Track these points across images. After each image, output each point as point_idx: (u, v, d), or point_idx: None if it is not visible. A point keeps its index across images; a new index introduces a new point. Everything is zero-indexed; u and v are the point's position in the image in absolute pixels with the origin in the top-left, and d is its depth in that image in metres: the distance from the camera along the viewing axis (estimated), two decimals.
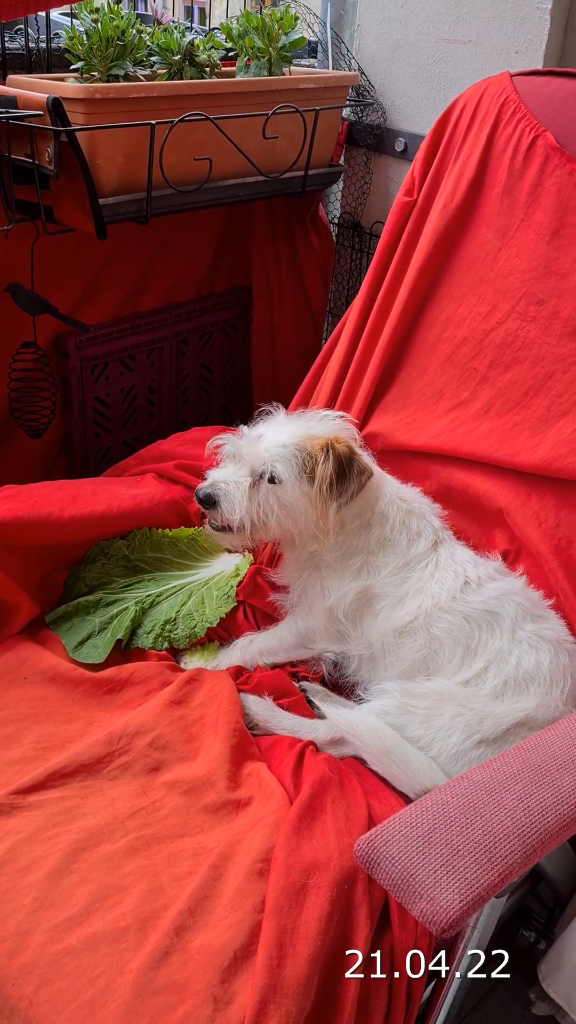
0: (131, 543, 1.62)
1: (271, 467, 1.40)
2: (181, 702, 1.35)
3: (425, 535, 1.47)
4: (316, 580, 1.49)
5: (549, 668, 1.33)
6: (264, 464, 1.40)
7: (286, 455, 1.39)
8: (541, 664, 1.34)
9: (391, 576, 1.44)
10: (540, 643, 1.36)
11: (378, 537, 1.45)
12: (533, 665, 1.34)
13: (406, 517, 1.47)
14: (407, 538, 1.46)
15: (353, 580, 1.45)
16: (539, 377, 1.50)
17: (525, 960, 1.58)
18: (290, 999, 0.96)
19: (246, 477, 1.42)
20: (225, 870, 1.10)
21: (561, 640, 1.39)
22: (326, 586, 1.47)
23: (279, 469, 1.39)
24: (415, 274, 1.65)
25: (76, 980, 0.98)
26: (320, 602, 1.47)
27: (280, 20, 1.85)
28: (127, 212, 1.68)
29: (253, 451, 1.42)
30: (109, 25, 1.61)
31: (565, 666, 1.36)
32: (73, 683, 1.38)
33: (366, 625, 1.45)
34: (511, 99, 1.56)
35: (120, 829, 1.15)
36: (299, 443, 1.40)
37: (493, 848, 0.90)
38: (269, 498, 1.41)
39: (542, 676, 1.33)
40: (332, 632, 1.48)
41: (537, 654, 1.35)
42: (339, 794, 1.22)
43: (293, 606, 1.55)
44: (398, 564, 1.44)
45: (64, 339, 1.95)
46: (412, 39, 2.00)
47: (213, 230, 2.21)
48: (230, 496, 1.42)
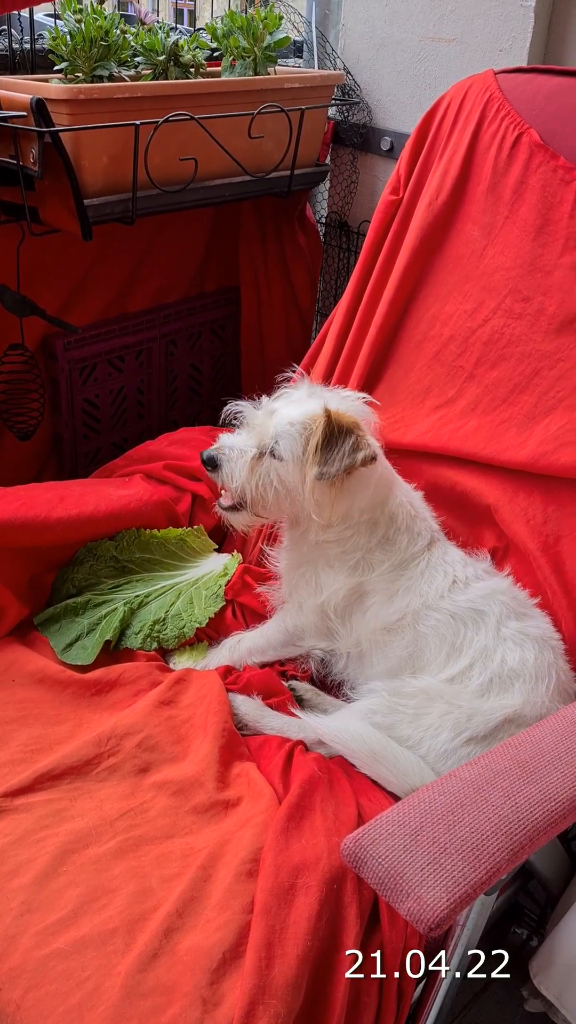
0: (119, 544, 1.62)
1: (275, 443, 1.39)
2: (170, 703, 1.34)
3: (423, 536, 1.47)
4: (311, 575, 1.48)
5: (534, 665, 1.33)
6: (270, 439, 1.39)
7: (292, 433, 1.37)
8: (526, 661, 1.34)
9: (385, 574, 1.44)
10: (525, 640, 1.36)
11: (381, 537, 1.44)
12: (518, 662, 1.34)
13: (411, 521, 1.46)
14: (408, 539, 1.45)
15: (348, 576, 1.44)
16: (526, 374, 1.50)
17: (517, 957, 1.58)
18: (279, 1000, 0.95)
19: (253, 448, 1.41)
20: (214, 871, 1.10)
21: (546, 637, 1.39)
22: (321, 582, 1.46)
23: (282, 446, 1.38)
24: (401, 272, 1.65)
25: (64, 984, 0.97)
26: (312, 599, 1.47)
27: (265, 20, 1.84)
28: (113, 213, 1.68)
29: (263, 424, 1.41)
30: (93, 25, 1.61)
31: (550, 663, 1.36)
32: (61, 685, 1.37)
33: (355, 622, 1.45)
34: (495, 97, 1.56)
35: (108, 831, 1.14)
36: (306, 422, 1.37)
37: (480, 845, 0.89)
38: (270, 472, 1.40)
39: (527, 673, 1.33)
40: (321, 629, 1.48)
41: (522, 651, 1.35)
42: (328, 793, 1.21)
43: (282, 602, 1.55)
44: (394, 563, 1.44)
45: (52, 341, 1.94)
46: (397, 38, 2.00)
47: (201, 231, 2.20)
48: (232, 462, 1.42)
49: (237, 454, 1.42)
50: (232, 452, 1.42)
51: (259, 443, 1.41)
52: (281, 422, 1.39)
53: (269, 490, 1.41)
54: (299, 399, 1.44)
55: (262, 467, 1.40)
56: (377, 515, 1.44)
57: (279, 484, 1.40)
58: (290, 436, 1.37)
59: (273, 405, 1.44)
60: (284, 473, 1.39)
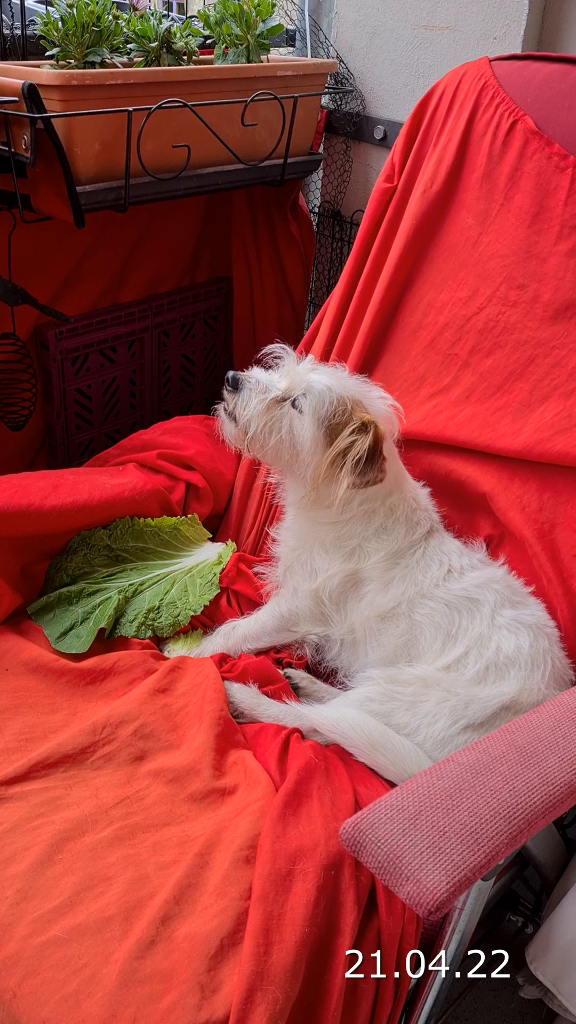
0: (113, 533, 1.61)
1: (302, 395, 1.39)
2: (165, 690, 1.34)
3: (422, 525, 1.47)
4: (307, 559, 1.48)
5: (529, 652, 1.34)
6: (299, 390, 1.39)
7: (324, 394, 1.37)
8: (521, 648, 1.34)
9: (381, 563, 1.44)
10: (520, 628, 1.36)
11: (378, 526, 1.45)
12: (513, 649, 1.34)
13: (411, 513, 1.47)
14: (406, 528, 1.46)
15: (344, 562, 1.45)
16: (521, 362, 1.50)
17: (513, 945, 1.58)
18: (277, 986, 0.95)
19: (279, 390, 1.41)
20: (211, 858, 1.09)
21: (541, 625, 1.39)
22: (316, 567, 1.47)
23: (306, 402, 1.38)
24: (396, 260, 1.64)
25: (60, 971, 0.96)
26: (307, 583, 1.47)
27: (258, 7, 1.83)
28: (105, 200, 1.67)
29: (298, 374, 1.42)
30: (84, 11, 1.60)
31: (545, 650, 1.36)
32: (56, 673, 1.37)
33: (350, 609, 1.45)
34: (490, 84, 1.56)
35: (104, 819, 1.14)
36: (342, 396, 1.37)
37: (479, 829, 0.89)
38: (284, 420, 1.40)
39: (522, 660, 1.33)
40: (316, 615, 1.48)
41: (517, 639, 1.35)
42: (325, 780, 1.21)
43: (277, 587, 1.55)
44: (390, 551, 1.44)
45: (44, 330, 1.93)
46: (390, 26, 1.99)
47: (193, 220, 2.19)
48: (252, 393, 1.42)
49: (261, 389, 1.41)
50: (258, 385, 1.41)
51: (286, 389, 1.40)
52: (318, 380, 1.39)
53: (273, 435, 1.40)
54: (341, 375, 1.44)
55: (279, 411, 1.40)
56: (375, 506, 1.45)
57: (287, 434, 1.40)
58: (320, 396, 1.37)
59: (315, 364, 1.45)
60: (297, 426, 1.39)
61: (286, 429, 1.40)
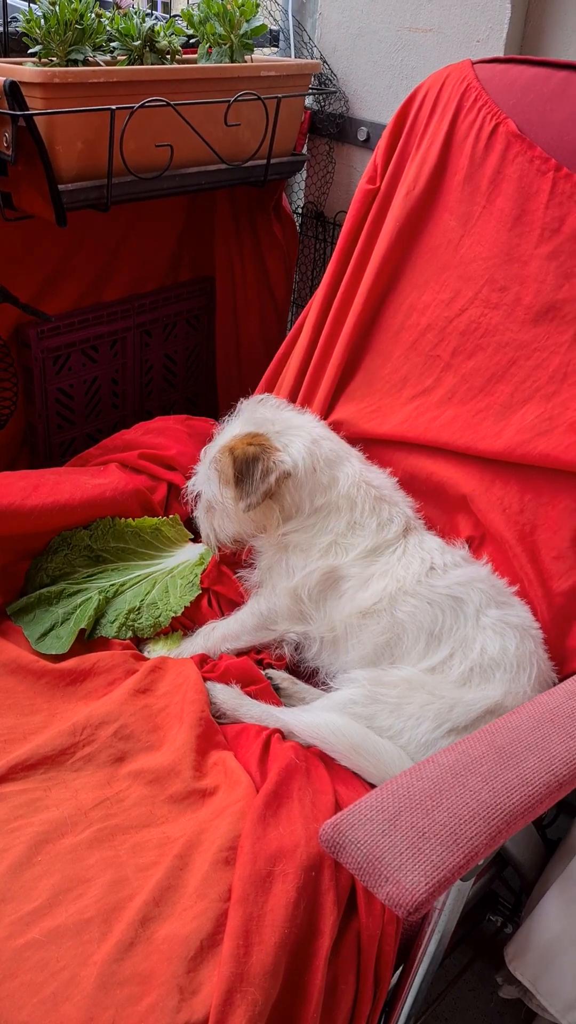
0: (94, 533, 1.60)
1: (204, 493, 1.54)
2: (146, 691, 1.33)
3: (397, 522, 1.47)
4: (282, 559, 1.49)
5: (515, 654, 1.33)
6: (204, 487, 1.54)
7: (209, 476, 1.52)
8: (507, 650, 1.34)
9: (360, 559, 1.44)
10: (505, 629, 1.36)
11: (348, 521, 1.46)
12: (498, 651, 1.34)
13: (376, 504, 1.48)
14: (377, 522, 1.47)
15: (321, 559, 1.46)
16: (502, 364, 1.51)
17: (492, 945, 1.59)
18: (256, 988, 0.95)
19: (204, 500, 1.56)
20: (191, 859, 1.09)
21: (526, 626, 1.39)
22: (291, 565, 1.48)
23: (207, 490, 1.53)
24: (378, 262, 1.65)
25: (39, 974, 0.96)
26: (284, 581, 1.48)
27: (241, 7, 1.83)
28: (87, 199, 1.66)
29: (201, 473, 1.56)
30: (67, 9, 1.59)
31: (531, 652, 1.36)
32: (35, 675, 1.36)
33: (330, 607, 1.45)
34: (472, 86, 1.56)
35: (84, 820, 1.13)
36: (214, 460, 1.50)
37: (459, 830, 0.89)
38: (222, 517, 1.54)
39: (508, 662, 1.33)
40: (295, 612, 1.48)
41: (503, 640, 1.35)
42: (306, 781, 1.21)
43: (257, 585, 1.55)
44: (367, 547, 1.45)
45: (25, 329, 1.92)
46: (374, 27, 2.00)
47: (176, 220, 2.19)
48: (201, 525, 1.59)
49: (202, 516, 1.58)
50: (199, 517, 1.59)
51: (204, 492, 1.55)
52: (206, 463, 1.54)
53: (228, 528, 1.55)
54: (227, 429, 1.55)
55: (215, 515, 1.55)
56: (333, 498, 1.48)
57: (228, 521, 1.54)
58: (211, 478, 1.52)
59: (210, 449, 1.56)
60: (226, 510, 1.52)
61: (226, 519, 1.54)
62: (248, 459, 1.44)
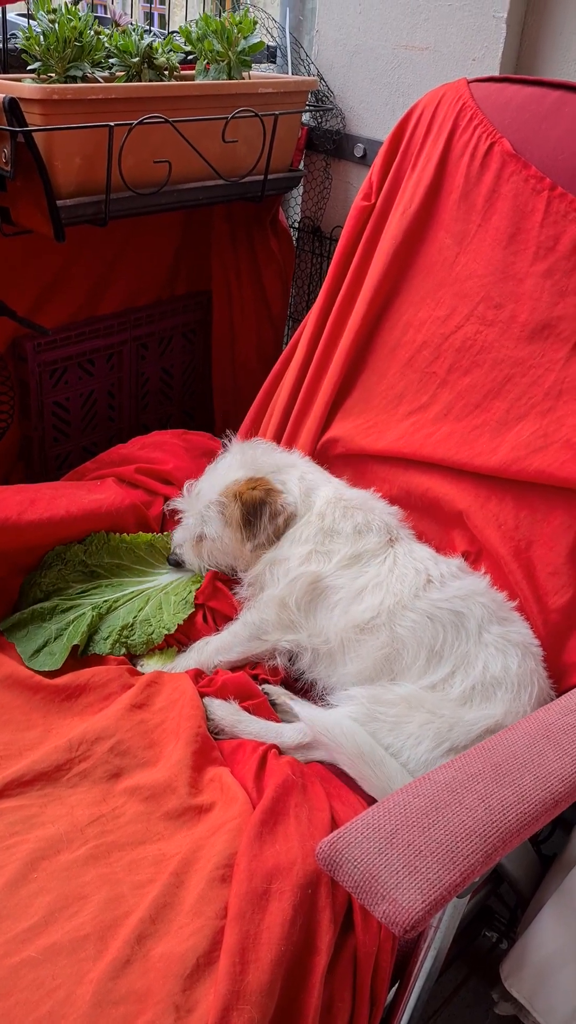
0: (88, 548, 1.60)
1: (202, 527, 1.59)
2: (142, 706, 1.33)
3: (375, 528, 1.49)
4: (266, 570, 1.53)
5: (517, 672, 1.33)
6: (199, 524, 1.59)
7: (212, 513, 1.57)
8: (509, 668, 1.33)
9: (343, 568, 1.46)
10: (508, 647, 1.35)
11: (319, 528, 1.51)
12: (500, 670, 1.33)
13: (345, 511, 1.53)
14: (352, 526, 1.50)
15: (302, 566, 1.48)
16: (498, 380, 1.51)
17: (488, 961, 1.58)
18: (253, 1006, 0.95)
19: (191, 536, 1.61)
20: (187, 877, 1.09)
21: (527, 643, 1.39)
22: (276, 574, 1.50)
23: (207, 529, 1.58)
24: (375, 279, 1.66)
25: (34, 992, 0.95)
26: (271, 589, 1.50)
27: (239, 24, 1.84)
28: (85, 214, 1.67)
29: (193, 510, 1.61)
30: (66, 26, 1.60)
31: (532, 670, 1.35)
32: (31, 690, 1.35)
33: (320, 618, 1.45)
34: (468, 105, 1.58)
35: (79, 837, 1.13)
36: (220, 500, 1.57)
37: (455, 848, 0.89)
38: (213, 550, 1.60)
39: (510, 681, 1.32)
40: (284, 622, 1.48)
41: (505, 658, 1.34)
42: (302, 798, 1.21)
43: (248, 599, 1.56)
44: (347, 554, 1.47)
45: (22, 342, 1.92)
46: (371, 45, 2.01)
47: (173, 234, 2.20)
48: (186, 555, 1.63)
49: (187, 547, 1.62)
50: (183, 547, 1.63)
51: (194, 527, 1.60)
52: (203, 503, 1.59)
53: (218, 560, 1.62)
54: (220, 468, 1.63)
55: (205, 548, 1.60)
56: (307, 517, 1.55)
57: (220, 555, 1.60)
58: (211, 517, 1.57)
59: (198, 485, 1.63)
60: (221, 545, 1.59)
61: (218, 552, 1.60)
62: (255, 504, 1.52)
